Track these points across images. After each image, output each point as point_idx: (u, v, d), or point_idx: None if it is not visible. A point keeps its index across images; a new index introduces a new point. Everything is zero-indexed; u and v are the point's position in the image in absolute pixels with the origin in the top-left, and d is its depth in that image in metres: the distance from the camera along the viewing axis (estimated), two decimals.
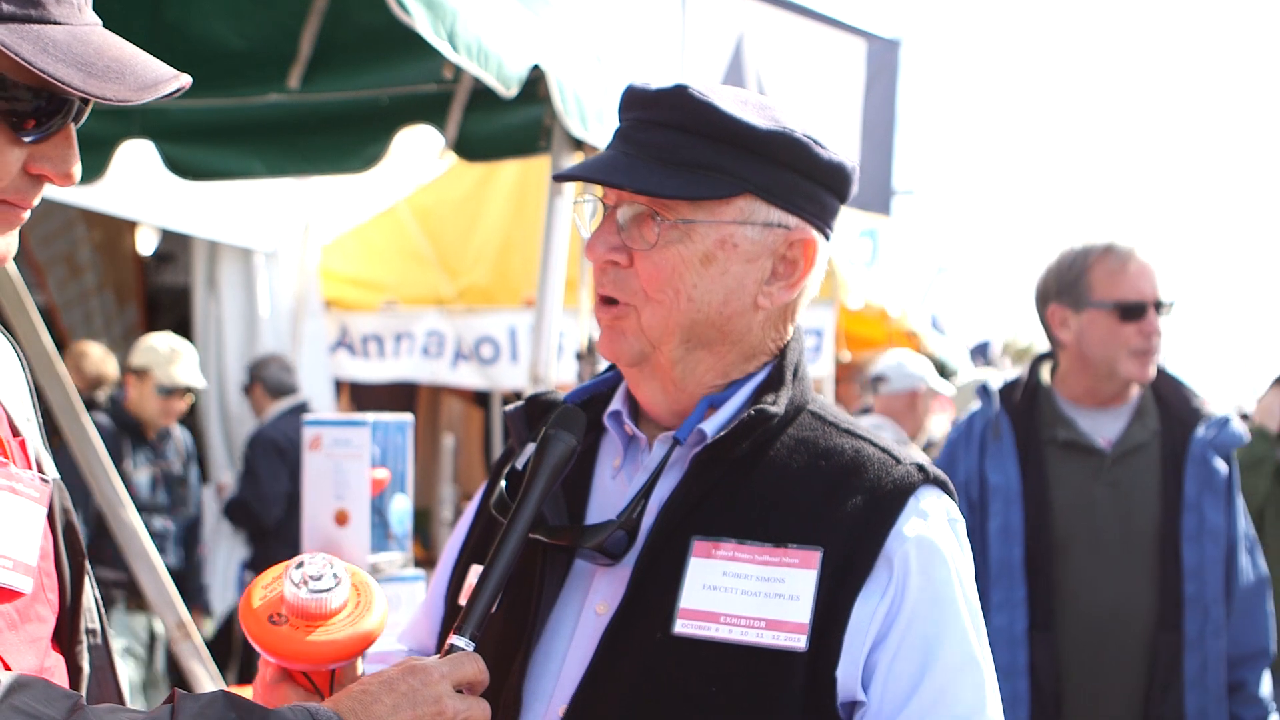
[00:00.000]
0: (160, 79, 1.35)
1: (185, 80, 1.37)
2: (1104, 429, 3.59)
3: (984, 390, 3.72)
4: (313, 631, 1.50)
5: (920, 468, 1.74)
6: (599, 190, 1.79)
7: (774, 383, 1.78)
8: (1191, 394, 3.63)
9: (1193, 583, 3.41)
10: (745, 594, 1.66)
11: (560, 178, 1.81)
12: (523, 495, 1.69)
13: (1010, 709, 3.42)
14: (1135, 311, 3.54)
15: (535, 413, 1.87)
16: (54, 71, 1.27)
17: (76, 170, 1.38)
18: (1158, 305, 3.54)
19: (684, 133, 1.70)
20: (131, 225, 8.19)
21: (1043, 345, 3.85)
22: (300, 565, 1.51)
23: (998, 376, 3.79)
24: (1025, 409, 3.63)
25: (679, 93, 1.72)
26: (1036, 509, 3.51)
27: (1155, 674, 3.42)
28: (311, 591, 1.50)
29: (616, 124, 1.80)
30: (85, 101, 1.35)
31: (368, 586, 1.56)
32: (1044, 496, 3.52)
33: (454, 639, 1.54)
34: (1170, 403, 3.60)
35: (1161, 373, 3.65)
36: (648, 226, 1.71)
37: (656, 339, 1.74)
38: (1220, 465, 3.47)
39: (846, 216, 1.91)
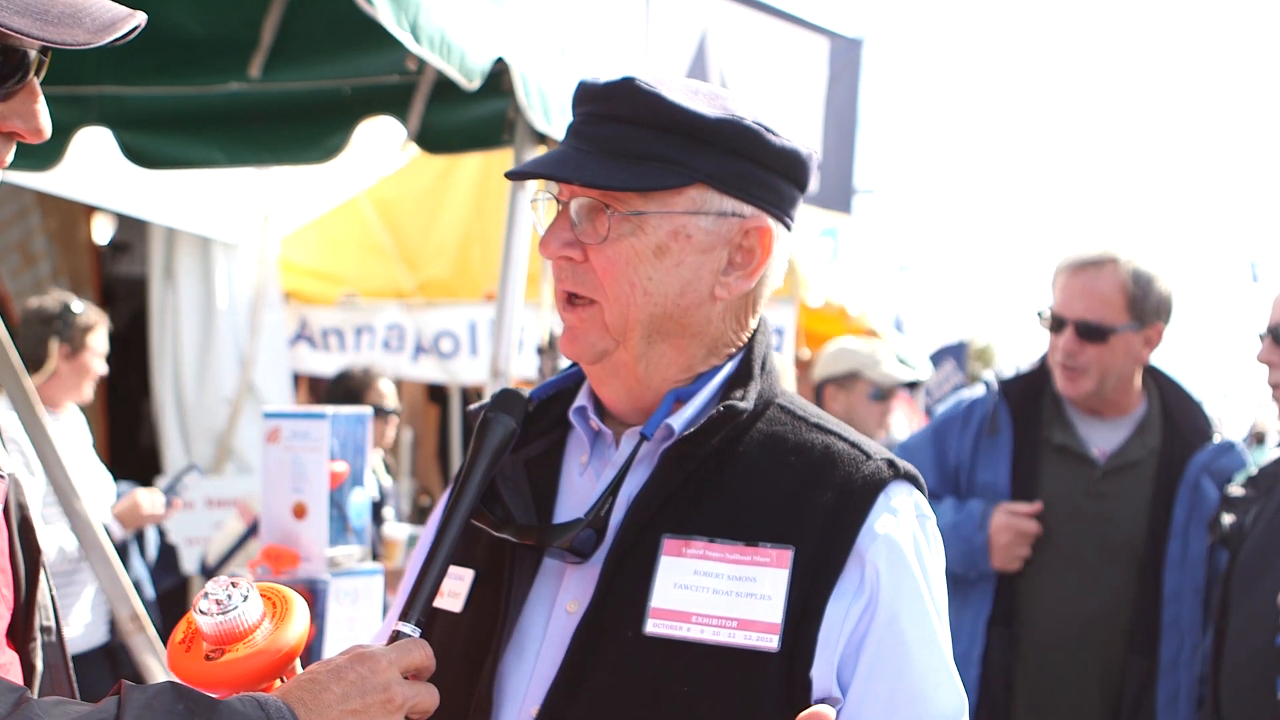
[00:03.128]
0: (117, 18, 1.33)
1: (140, 18, 1.35)
2: (1102, 439, 3.55)
3: (986, 382, 3.68)
4: (236, 650, 1.48)
5: (890, 463, 1.74)
6: (555, 187, 1.78)
7: (742, 377, 1.77)
8: (1201, 414, 3.57)
9: (1171, 609, 3.39)
10: (716, 593, 1.65)
11: (513, 175, 1.80)
12: (464, 480, 1.68)
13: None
14: (1055, 323, 3.53)
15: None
16: (8, 22, 1.26)
17: (46, 124, 1.37)
18: (1080, 326, 3.45)
19: (632, 125, 1.70)
20: (88, 214, 8.08)
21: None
22: (205, 596, 1.50)
23: (1006, 367, 3.76)
24: (1029, 406, 3.58)
25: (626, 85, 1.71)
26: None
27: (1125, 697, 3.40)
28: (224, 614, 1.48)
29: (570, 120, 1.79)
30: (45, 53, 1.34)
31: (280, 593, 1.55)
32: (1031, 498, 3.50)
33: (400, 625, 1.54)
34: (1177, 421, 3.54)
35: (1175, 388, 3.60)
36: (599, 220, 1.71)
37: (619, 335, 1.73)
38: (1211, 491, 3.41)
39: (807, 215, 1.90)
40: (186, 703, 1.32)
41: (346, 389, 6.33)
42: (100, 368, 5.10)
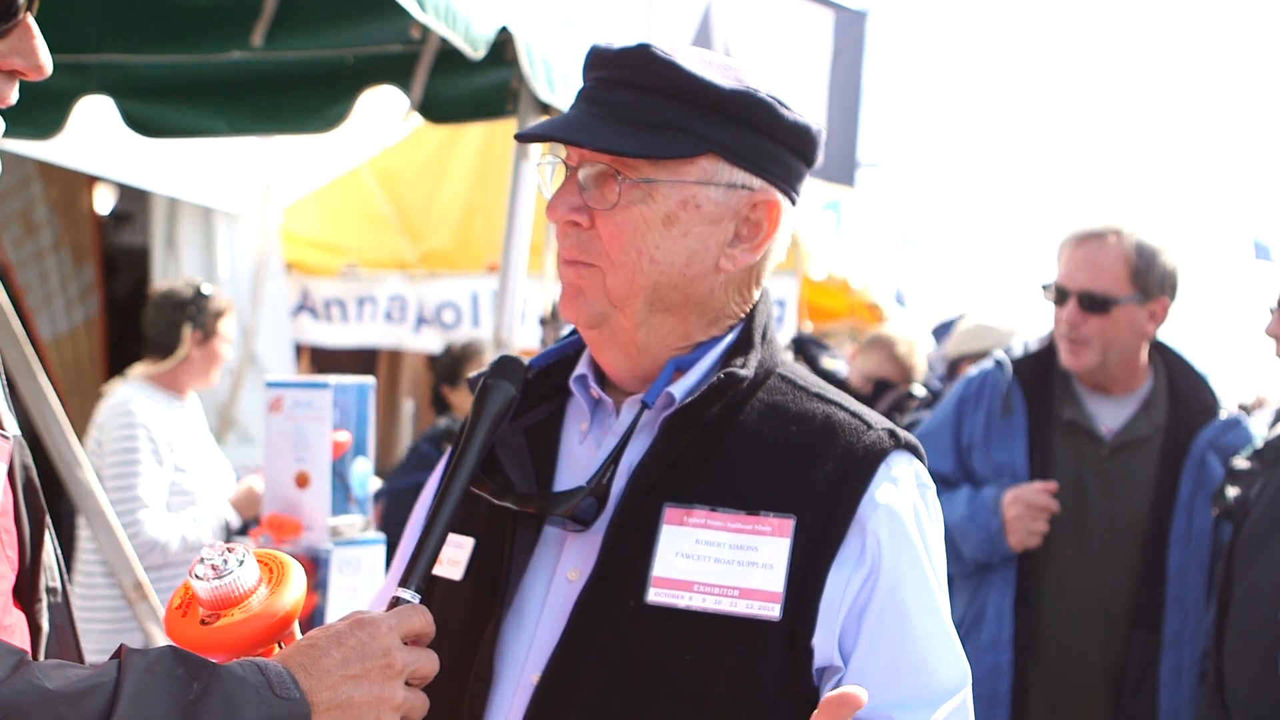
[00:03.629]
0: None
1: None
2: (1108, 416, 3.55)
3: (998, 360, 3.67)
4: (232, 615, 1.48)
5: (891, 433, 1.74)
6: (563, 151, 1.77)
7: (743, 346, 1.77)
8: (1207, 390, 3.56)
9: (1176, 584, 3.40)
10: (718, 562, 1.65)
11: (522, 137, 1.80)
12: (463, 446, 1.67)
13: (992, 680, 3.44)
14: (1058, 295, 3.52)
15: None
16: None
17: (46, 60, 1.36)
18: (1083, 297, 3.45)
19: (647, 92, 1.69)
20: (89, 184, 8.06)
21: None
22: (201, 561, 1.50)
23: (1017, 344, 3.70)
24: (1040, 384, 3.57)
25: (642, 52, 1.70)
26: None
27: (1129, 670, 3.42)
28: (219, 579, 1.48)
29: (581, 85, 1.78)
30: None
31: (277, 559, 1.55)
32: (1047, 476, 3.49)
33: (400, 591, 1.54)
34: (1183, 396, 3.53)
35: (1182, 364, 3.60)
36: (609, 186, 1.70)
37: (620, 301, 1.72)
38: (1217, 467, 3.41)
39: (810, 188, 1.90)
40: (187, 667, 1.32)
41: (449, 363, 6.38)
42: (229, 354, 5.02)
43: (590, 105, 1.73)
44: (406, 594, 1.53)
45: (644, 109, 1.69)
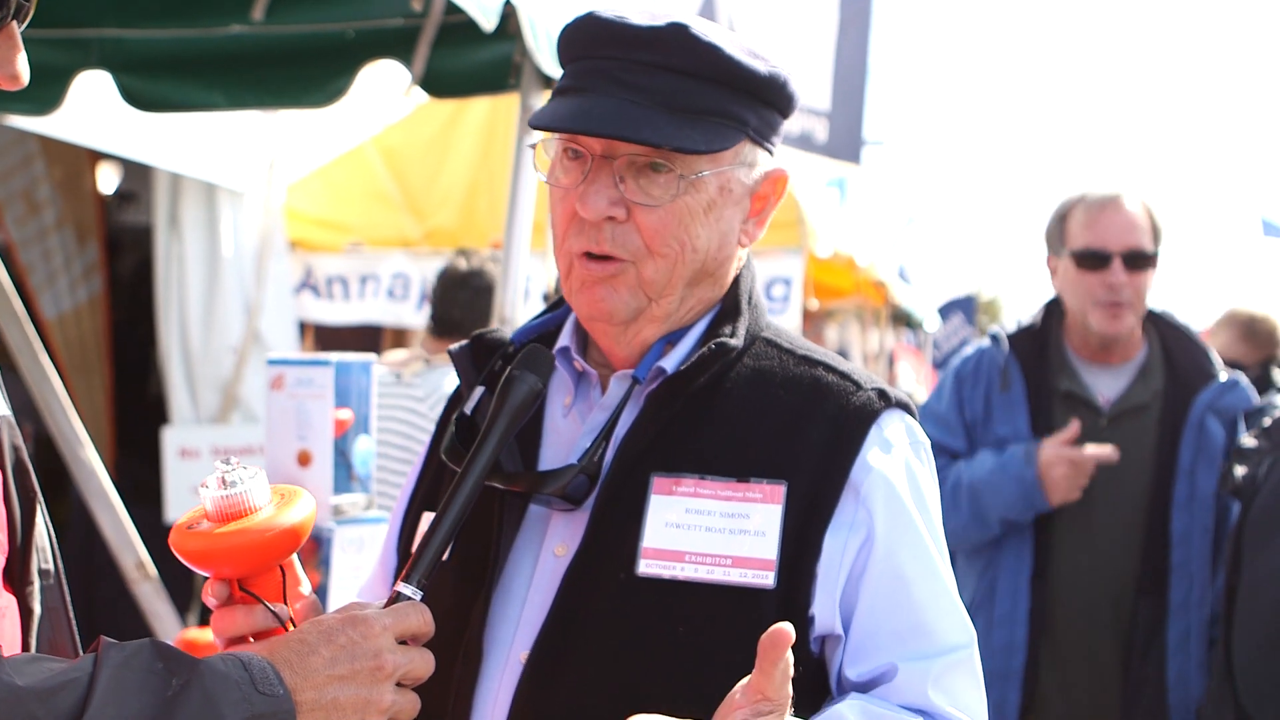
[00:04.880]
0: None
1: None
2: (1105, 386, 3.55)
3: (994, 336, 3.67)
4: (228, 525, 1.44)
5: (881, 393, 1.71)
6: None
7: (730, 313, 1.73)
8: (1203, 354, 3.56)
9: (1180, 550, 3.39)
10: (709, 531, 1.62)
11: (551, 128, 1.67)
12: (481, 439, 1.61)
13: (1005, 656, 3.43)
14: (1095, 260, 3.49)
15: (481, 352, 1.79)
16: None
17: (22, 70, 1.32)
18: (1129, 256, 3.48)
19: (690, 77, 1.62)
20: (93, 163, 8.03)
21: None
22: (214, 473, 1.47)
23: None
24: (1037, 357, 3.57)
25: (681, 33, 1.62)
26: None
27: (1136, 638, 3.41)
28: (228, 489, 1.45)
29: (589, 59, 1.67)
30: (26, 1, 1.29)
31: (292, 488, 1.52)
32: None
33: (400, 586, 1.48)
34: (1179, 362, 3.53)
35: (1175, 329, 3.60)
36: (651, 180, 1.63)
37: (658, 292, 1.67)
38: (1217, 430, 3.41)
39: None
40: (166, 661, 1.28)
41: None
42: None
43: (623, 90, 1.63)
44: (407, 590, 1.48)
45: (686, 95, 1.62)
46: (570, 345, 1.77)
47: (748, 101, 1.65)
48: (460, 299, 4.69)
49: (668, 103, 1.62)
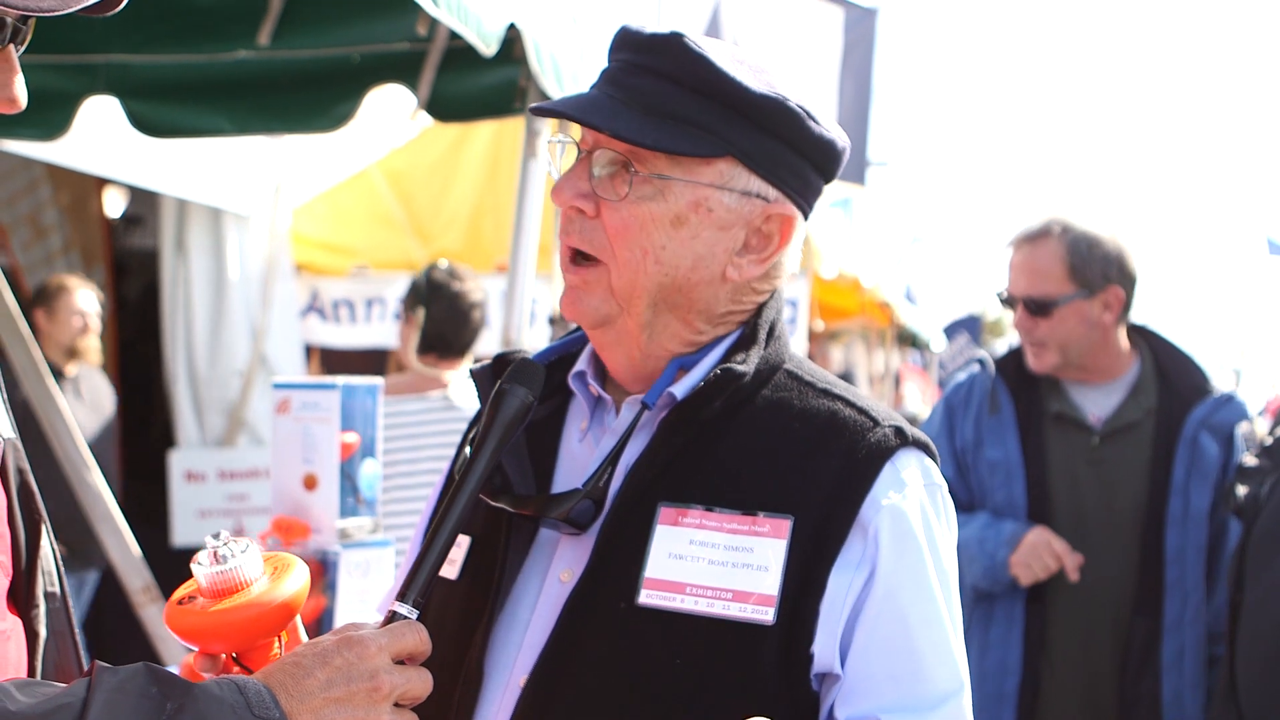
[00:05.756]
0: None
1: None
2: (1095, 405, 3.54)
3: (981, 361, 3.68)
4: (223, 602, 1.44)
5: (899, 430, 1.68)
6: (576, 133, 1.72)
7: (745, 342, 1.72)
8: (1196, 370, 3.54)
9: (1174, 568, 3.38)
10: (712, 563, 1.60)
11: (538, 110, 1.72)
12: (474, 455, 1.60)
13: (999, 678, 3.42)
14: (1007, 303, 3.58)
15: (502, 372, 1.77)
16: None
17: (20, 93, 1.32)
18: (1028, 303, 3.46)
19: (672, 83, 1.63)
20: (99, 187, 8.06)
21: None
22: (205, 549, 1.46)
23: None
24: (1025, 380, 3.57)
25: (673, 40, 1.64)
26: (1037, 483, 3.47)
27: (1130, 657, 3.40)
28: (221, 564, 1.44)
29: (608, 63, 1.72)
30: (25, 21, 1.29)
31: (282, 558, 1.50)
32: (1043, 471, 3.48)
33: (396, 605, 1.47)
34: (1172, 379, 3.51)
35: (1167, 347, 3.59)
36: (620, 177, 1.64)
37: (625, 300, 1.67)
38: (1211, 446, 3.39)
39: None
40: (161, 686, 1.27)
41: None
42: None
43: (612, 88, 1.67)
44: (403, 609, 1.47)
45: (667, 100, 1.63)
46: (587, 370, 1.77)
47: (737, 120, 1.64)
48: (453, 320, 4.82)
49: (647, 103, 1.63)
